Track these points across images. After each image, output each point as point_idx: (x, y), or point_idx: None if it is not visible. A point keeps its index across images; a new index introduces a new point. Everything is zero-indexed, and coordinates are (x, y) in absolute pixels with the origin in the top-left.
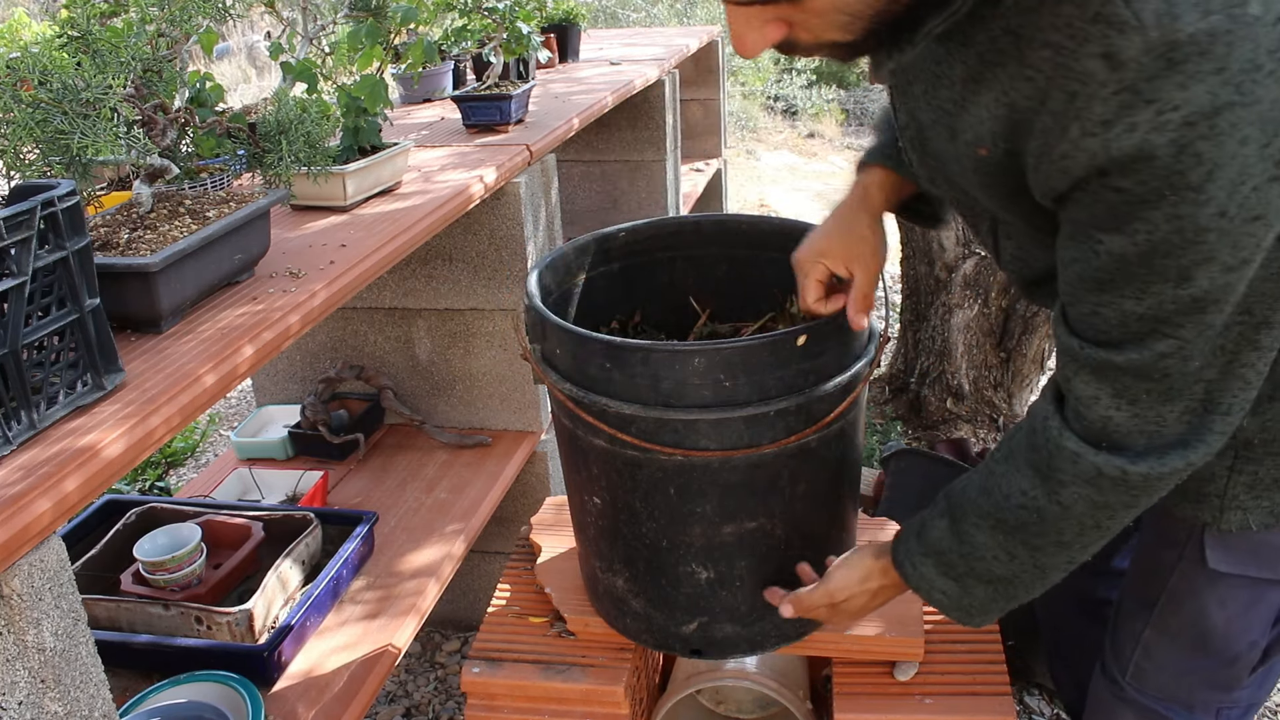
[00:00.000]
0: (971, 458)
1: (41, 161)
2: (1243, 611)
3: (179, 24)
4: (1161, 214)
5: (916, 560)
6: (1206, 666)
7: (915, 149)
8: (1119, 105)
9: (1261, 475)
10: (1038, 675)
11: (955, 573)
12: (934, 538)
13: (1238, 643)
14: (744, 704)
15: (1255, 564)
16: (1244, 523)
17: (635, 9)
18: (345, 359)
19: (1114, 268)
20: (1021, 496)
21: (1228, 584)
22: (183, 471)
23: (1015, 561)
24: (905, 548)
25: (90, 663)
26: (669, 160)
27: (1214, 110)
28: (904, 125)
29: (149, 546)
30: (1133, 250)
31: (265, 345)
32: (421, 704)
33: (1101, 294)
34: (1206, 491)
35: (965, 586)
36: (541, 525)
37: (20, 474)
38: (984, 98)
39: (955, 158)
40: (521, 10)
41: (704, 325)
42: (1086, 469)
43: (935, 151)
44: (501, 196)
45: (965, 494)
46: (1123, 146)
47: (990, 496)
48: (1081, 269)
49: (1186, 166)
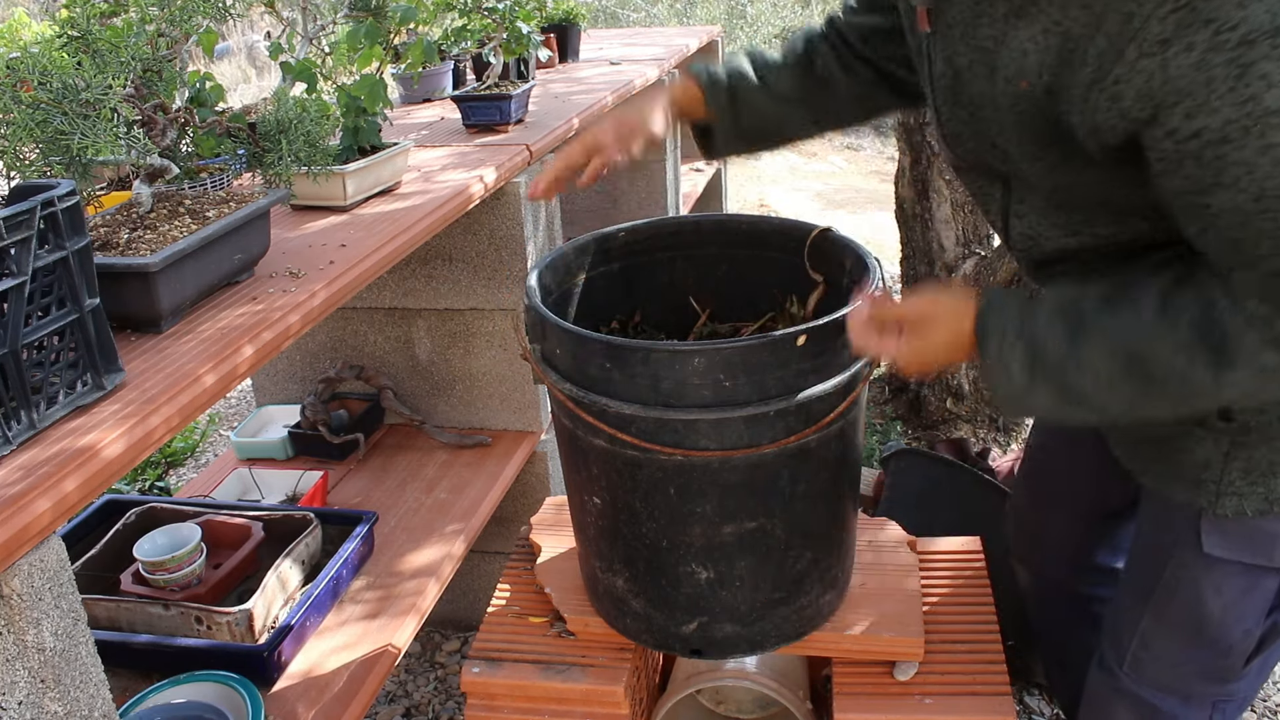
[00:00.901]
0: (971, 458)
1: (41, 161)
2: (1238, 599)
3: (179, 24)
4: (1252, 149)
5: (1010, 339)
6: (1203, 657)
7: (948, 99)
8: (1176, 24)
9: (1257, 460)
10: (1037, 675)
11: (1039, 369)
12: (1042, 334)
13: (1233, 631)
14: (744, 704)
15: (1250, 550)
16: (1239, 508)
17: (635, 9)
18: (345, 359)
19: (1239, 225)
20: (1175, 355)
21: (1223, 570)
22: (183, 471)
23: (1113, 392)
24: (1001, 320)
25: (90, 663)
26: (669, 160)
27: (1275, 30)
28: (939, 74)
29: (149, 546)
30: (1245, 200)
31: (265, 345)
32: (421, 704)
33: (1244, 260)
34: (1203, 477)
35: (1036, 384)
36: (541, 525)
37: (20, 474)
38: (1029, 30)
39: (992, 99)
40: (521, 10)
41: (704, 325)
42: (1268, 362)
43: (971, 96)
44: (501, 196)
45: (1102, 314)
46: (1181, 66)
47: (1139, 335)
48: (1215, 240)
49: (1257, 90)
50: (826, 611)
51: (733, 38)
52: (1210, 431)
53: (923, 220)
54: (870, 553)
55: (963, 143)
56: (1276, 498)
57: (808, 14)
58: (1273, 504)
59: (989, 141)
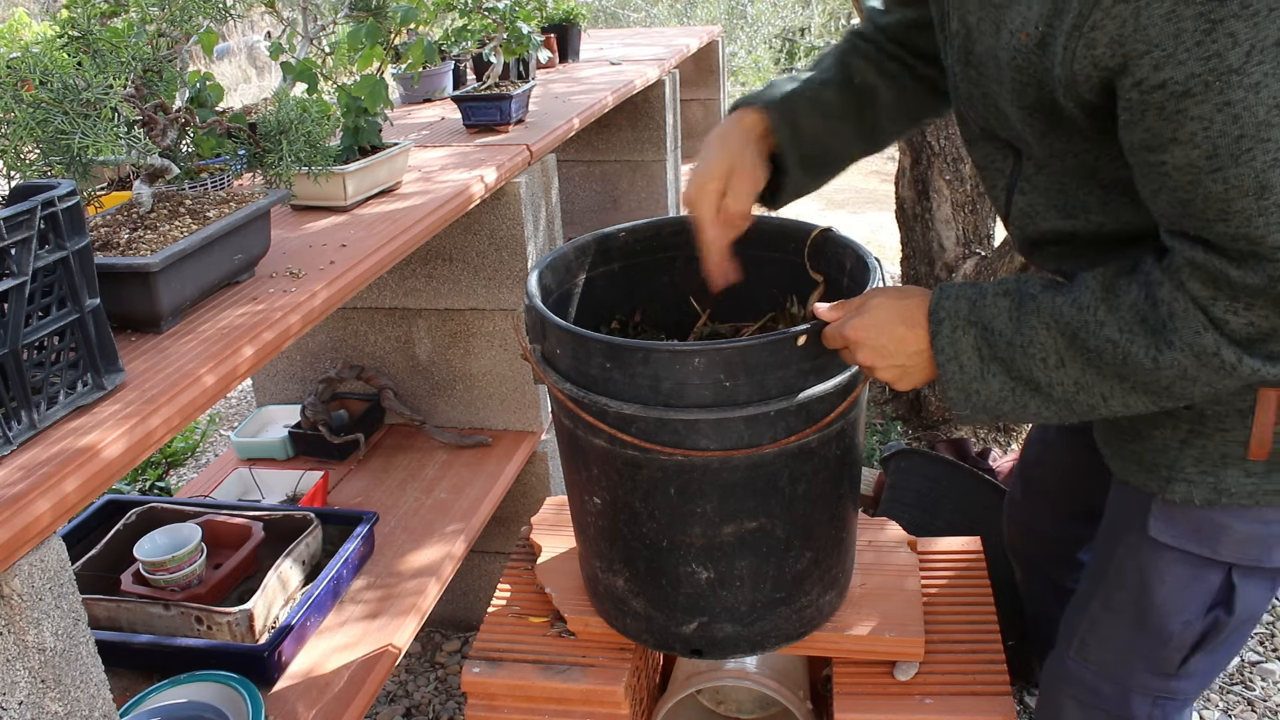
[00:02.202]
0: (971, 458)
1: (42, 161)
2: (1180, 588)
3: (179, 24)
4: (1211, 104)
5: (962, 325)
6: (1143, 644)
7: (961, 59)
8: None
9: (1210, 450)
10: (1037, 675)
11: (989, 353)
12: (989, 313)
13: (1173, 620)
14: (744, 704)
15: (1196, 540)
16: (1188, 495)
17: (635, 9)
18: (345, 359)
19: (1189, 185)
20: (1117, 333)
21: (1168, 558)
22: (183, 471)
23: (1061, 371)
24: (954, 307)
25: (90, 663)
26: (669, 160)
27: None
28: (954, 33)
29: (149, 546)
30: (1198, 156)
31: (265, 345)
32: (421, 704)
33: (1193, 224)
34: (1158, 462)
35: (987, 371)
36: (541, 525)
37: (20, 474)
38: None
39: (995, 57)
40: (521, 10)
41: (704, 325)
42: (1206, 344)
43: (980, 55)
44: (501, 196)
45: (1045, 294)
46: (1152, 15)
47: (1081, 311)
48: (1167, 202)
49: (1222, 47)
50: (827, 611)
51: (733, 37)
52: (1171, 418)
53: (923, 220)
54: (870, 553)
55: (973, 105)
56: (1225, 489)
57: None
58: (1220, 494)
59: (993, 104)
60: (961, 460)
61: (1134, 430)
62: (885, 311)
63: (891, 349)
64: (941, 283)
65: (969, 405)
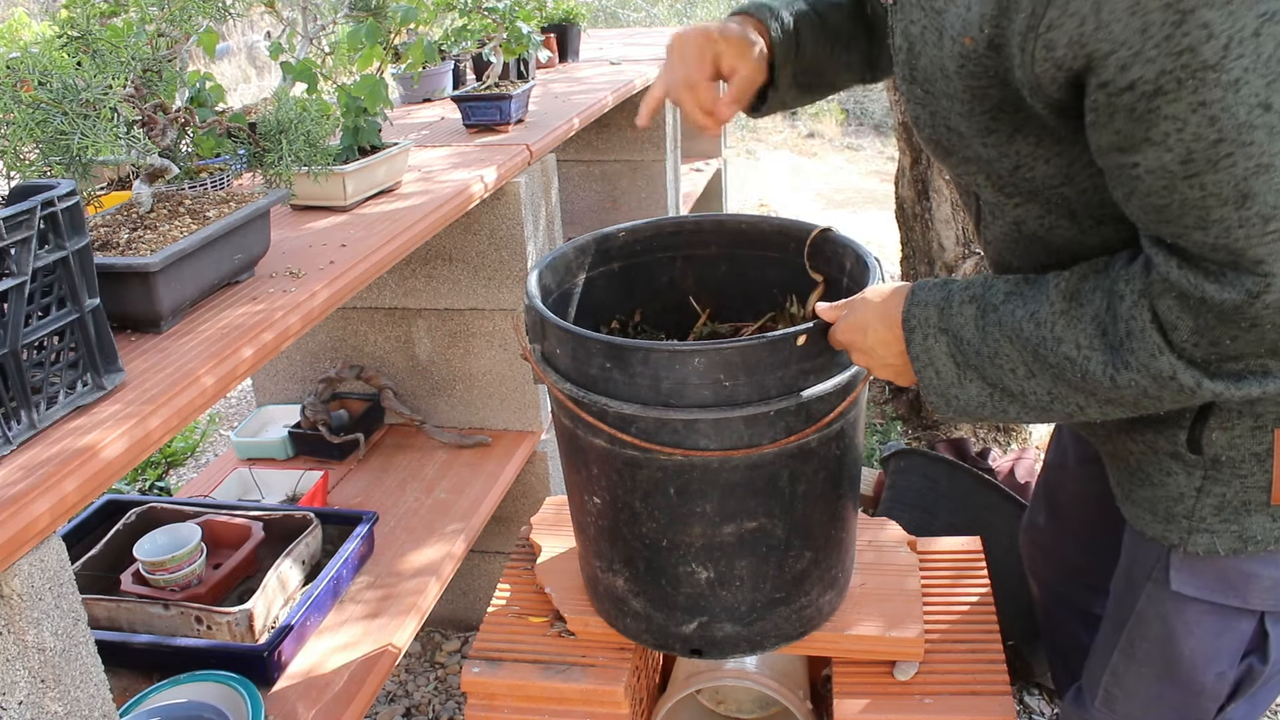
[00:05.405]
0: (971, 457)
1: (41, 161)
2: (1210, 640)
3: (179, 24)
4: (1184, 104)
5: (933, 333)
6: (1174, 696)
7: (906, 75)
8: None
9: (1230, 498)
10: (1037, 675)
11: (963, 360)
12: (957, 322)
13: (1204, 673)
14: (744, 704)
15: (1222, 590)
16: (1211, 546)
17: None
18: (345, 359)
19: (1164, 190)
20: (1075, 350)
21: (1194, 610)
22: (183, 471)
23: (1033, 381)
24: (921, 314)
25: (90, 663)
26: (669, 160)
27: None
28: (898, 48)
29: (149, 546)
30: (1171, 160)
31: (265, 345)
32: (421, 704)
33: (1168, 231)
34: (1175, 512)
35: (964, 378)
36: (541, 525)
37: (20, 474)
38: None
39: (942, 68)
40: (521, 10)
41: (704, 325)
42: (1163, 368)
43: (924, 69)
44: (501, 196)
45: (1008, 304)
46: (1115, 10)
47: (1039, 327)
48: (1140, 205)
49: (1196, 40)
50: (827, 611)
51: None
52: (1183, 465)
53: (923, 220)
54: (870, 553)
55: (921, 126)
56: (1250, 536)
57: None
58: (1246, 543)
59: (944, 123)
60: (961, 460)
61: (1144, 474)
62: (866, 313)
63: (879, 351)
64: (915, 283)
65: (950, 409)
